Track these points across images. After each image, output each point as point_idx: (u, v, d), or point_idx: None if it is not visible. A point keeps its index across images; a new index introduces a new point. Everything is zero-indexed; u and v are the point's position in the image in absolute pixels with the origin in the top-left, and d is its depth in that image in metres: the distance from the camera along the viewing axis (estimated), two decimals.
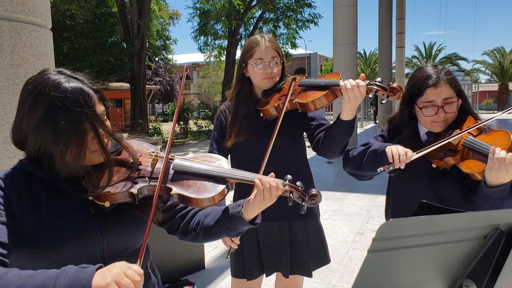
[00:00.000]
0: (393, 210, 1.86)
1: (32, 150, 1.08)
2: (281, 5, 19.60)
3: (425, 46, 41.37)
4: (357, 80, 1.69)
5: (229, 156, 2.03)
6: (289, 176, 1.26)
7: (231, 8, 18.39)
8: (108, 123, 1.15)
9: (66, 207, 1.10)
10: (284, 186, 1.24)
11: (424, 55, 40.38)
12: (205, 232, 1.27)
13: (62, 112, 1.03)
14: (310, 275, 2.01)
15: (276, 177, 1.26)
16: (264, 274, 2.02)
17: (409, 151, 1.60)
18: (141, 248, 1.04)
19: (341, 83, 1.71)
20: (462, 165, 1.58)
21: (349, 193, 6.52)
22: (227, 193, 1.20)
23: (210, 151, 1.99)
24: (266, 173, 1.30)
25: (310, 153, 2.18)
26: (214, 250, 4.23)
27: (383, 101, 1.73)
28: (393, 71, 23.56)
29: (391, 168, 1.59)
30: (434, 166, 1.67)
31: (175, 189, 1.15)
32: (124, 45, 15.73)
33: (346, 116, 1.77)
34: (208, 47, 21.17)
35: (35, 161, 1.09)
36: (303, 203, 1.25)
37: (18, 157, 2.00)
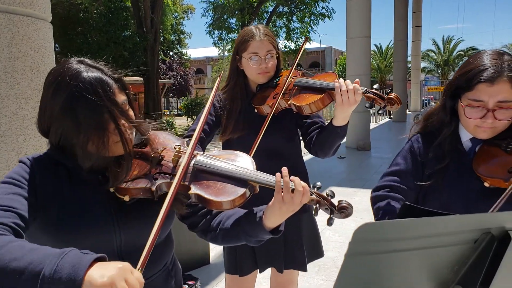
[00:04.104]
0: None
1: (54, 140, 1.08)
2: None
3: (443, 40, 40.58)
4: (354, 84, 1.60)
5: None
6: (318, 183, 1.15)
7: (245, 2, 18.31)
8: (131, 112, 1.13)
9: (88, 197, 1.09)
10: (311, 194, 1.11)
11: (442, 49, 39.59)
12: (224, 234, 1.21)
13: (82, 102, 1.01)
14: (304, 269, 1.98)
15: (271, 172, 1.17)
16: (258, 270, 1.99)
17: None
18: (144, 256, 0.94)
19: (336, 83, 1.62)
20: None
21: (360, 189, 6.43)
22: (250, 196, 1.13)
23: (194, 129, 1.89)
24: (261, 169, 1.22)
25: None
26: None
27: (380, 111, 1.64)
28: (409, 65, 23.19)
29: None
30: (487, 185, 1.32)
31: (194, 189, 1.10)
32: (138, 39, 15.81)
33: (338, 122, 1.70)
34: (222, 41, 21.15)
35: (60, 151, 1.09)
36: (332, 216, 1.10)
37: (16, 151, 2.00)
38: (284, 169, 1.11)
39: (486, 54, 1.35)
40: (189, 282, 3.14)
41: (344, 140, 12.52)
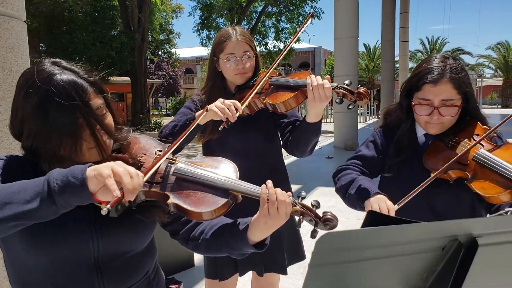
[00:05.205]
0: None
1: (26, 144, 1.03)
2: None
3: (428, 41, 41.00)
4: (324, 80, 1.60)
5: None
6: (303, 193, 1.12)
7: (233, 1, 18.24)
8: (109, 118, 1.08)
9: None
10: (295, 205, 1.08)
11: (428, 50, 39.97)
12: (207, 245, 1.17)
13: (54, 106, 0.97)
14: (284, 273, 1.96)
15: (251, 172, 1.15)
16: (238, 274, 1.96)
17: (391, 207, 1.36)
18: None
19: (308, 80, 1.61)
20: (474, 184, 1.38)
21: None
22: (232, 205, 1.09)
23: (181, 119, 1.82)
24: (239, 169, 1.18)
25: None
26: None
27: (350, 106, 1.61)
28: (397, 65, 23.36)
29: None
30: (432, 175, 1.47)
31: (172, 198, 1.06)
32: (125, 38, 15.65)
33: (311, 119, 1.70)
34: (210, 41, 21.05)
35: (33, 155, 1.04)
36: (316, 228, 1.07)
37: None
38: (269, 182, 1.08)
39: (433, 58, 1.54)
40: (172, 286, 3.09)
41: (332, 139, 12.39)
